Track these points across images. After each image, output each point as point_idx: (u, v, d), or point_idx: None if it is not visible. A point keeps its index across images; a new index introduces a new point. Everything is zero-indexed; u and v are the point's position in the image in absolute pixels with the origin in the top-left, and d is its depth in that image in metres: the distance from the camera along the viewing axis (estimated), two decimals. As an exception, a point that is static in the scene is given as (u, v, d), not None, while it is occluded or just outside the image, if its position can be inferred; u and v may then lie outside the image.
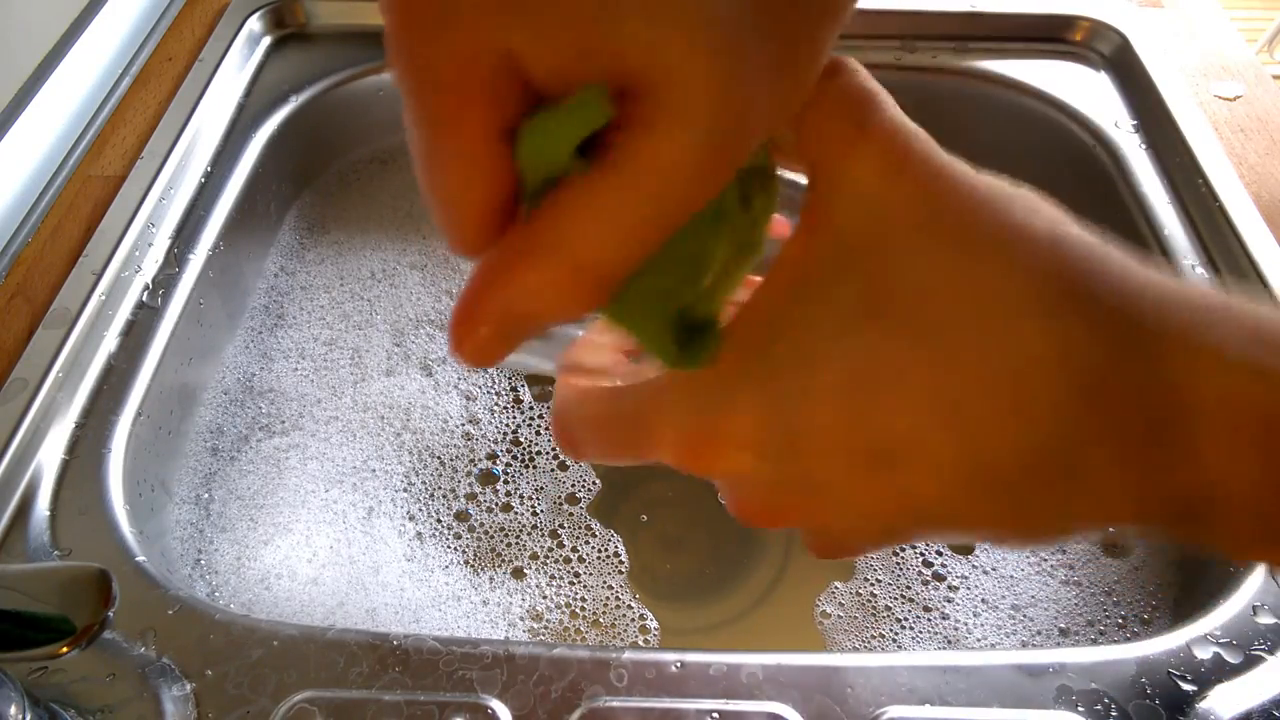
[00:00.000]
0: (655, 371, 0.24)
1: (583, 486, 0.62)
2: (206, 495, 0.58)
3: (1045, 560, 0.56)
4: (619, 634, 0.54)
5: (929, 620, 0.55)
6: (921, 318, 0.20)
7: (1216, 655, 0.42)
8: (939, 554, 0.57)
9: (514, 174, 0.19)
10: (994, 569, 0.56)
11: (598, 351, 0.25)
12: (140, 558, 0.46)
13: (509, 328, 0.20)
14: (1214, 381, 0.19)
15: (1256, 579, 0.46)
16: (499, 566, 0.57)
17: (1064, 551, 0.56)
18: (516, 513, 0.60)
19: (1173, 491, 0.20)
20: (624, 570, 0.58)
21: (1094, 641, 0.53)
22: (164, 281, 0.59)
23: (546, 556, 0.58)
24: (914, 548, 0.58)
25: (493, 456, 0.63)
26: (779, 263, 0.22)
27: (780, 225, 0.23)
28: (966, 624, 0.54)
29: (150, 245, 0.60)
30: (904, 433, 0.20)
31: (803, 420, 0.21)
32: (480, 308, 0.20)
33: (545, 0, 0.18)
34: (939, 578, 0.56)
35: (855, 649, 0.54)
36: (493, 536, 0.59)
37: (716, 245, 0.21)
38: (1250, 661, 0.42)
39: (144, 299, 0.57)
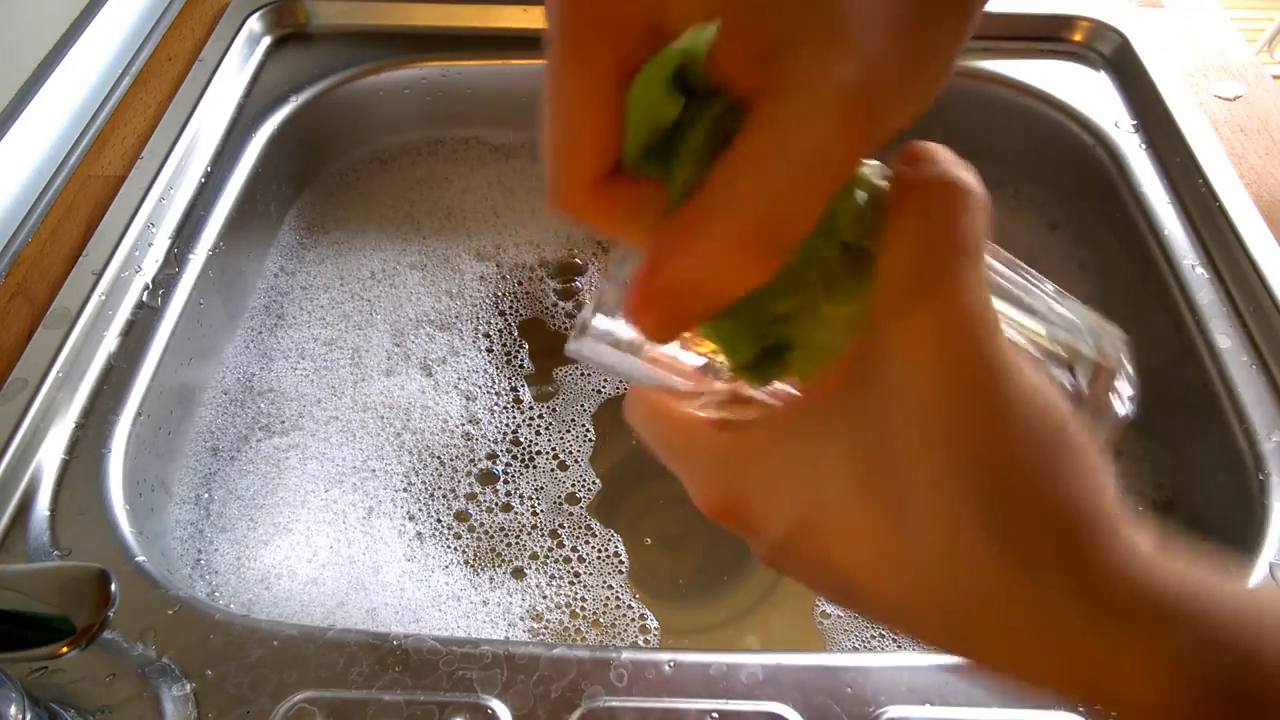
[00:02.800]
0: (719, 394, 0.26)
1: (583, 486, 0.62)
2: (206, 495, 0.58)
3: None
4: (619, 634, 0.54)
5: (929, 620, 0.55)
6: (911, 496, 0.21)
7: (1216, 655, 0.42)
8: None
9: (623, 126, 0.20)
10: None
11: (672, 369, 0.27)
12: (140, 558, 0.46)
13: (689, 300, 0.20)
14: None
15: (1257, 579, 0.46)
16: (499, 566, 0.57)
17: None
18: (516, 513, 0.60)
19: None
20: (624, 570, 0.58)
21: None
22: (164, 281, 0.59)
23: (546, 556, 0.58)
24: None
25: (493, 456, 0.63)
26: (823, 382, 0.23)
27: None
28: (966, 624, 0.54)
29: (150, 245, 0.60)
30: (855, 589, 0.23)
31: (804, 529, 0.23)
32: (660, 281, 0.19)
33: None
34: (939, 578, 0.56)
35: (855, 649, 0.54)
36: (493, 536, 0.59)
37: (809, 268, 0.21)
38: (1250, 661, 0.42)
39: (144, 299, 0.57)
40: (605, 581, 0.57)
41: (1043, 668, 0.21)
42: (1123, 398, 0.25)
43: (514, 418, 0.65)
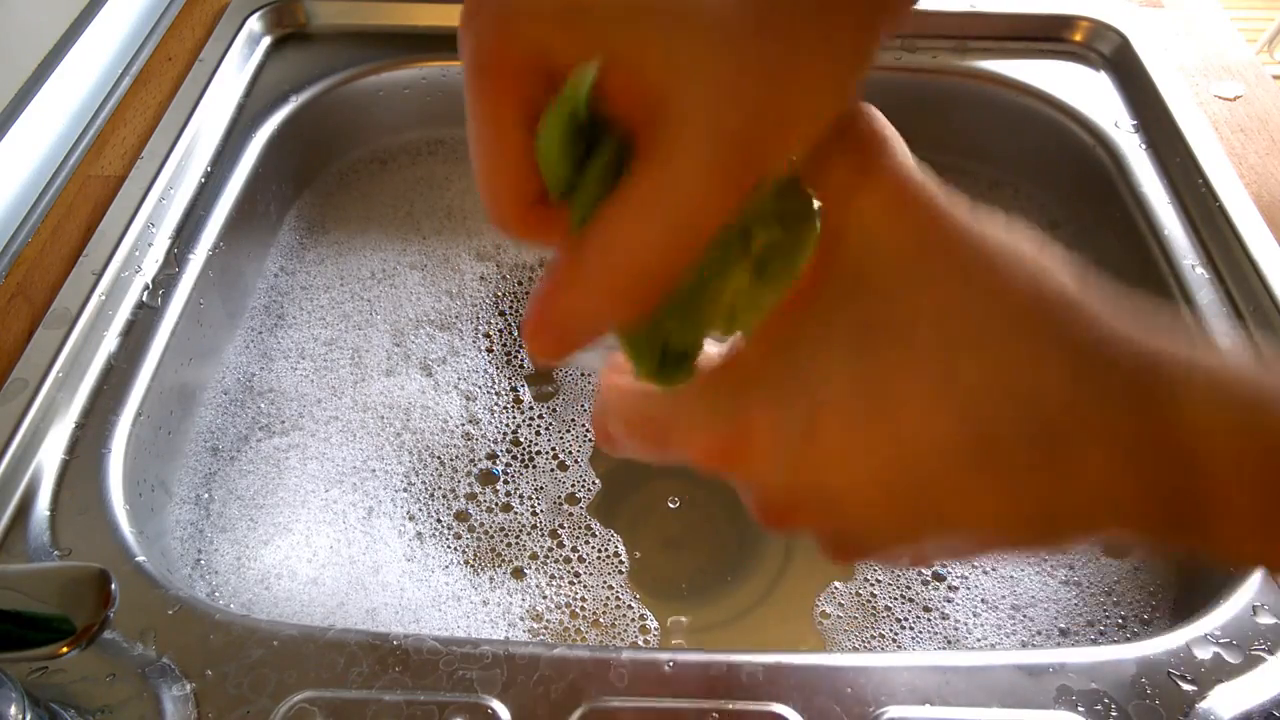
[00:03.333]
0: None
1: (583, 486, 0.62)
2: (206, 495, 0.58)
3: (1045, 560, 0.56)
4: (619, 634, 0.54)
5: (929, 620, 0.55)
6: (916, 336, 0.22)
7: (1216, 655, 0.42)
8: (939, 554, 0.57)
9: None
10: (994, 569, 0.56)
11: None
12: (140, 558, 0.46)
13: (572, 330, 0.22)
14: (1204, 386, 0.20)
15: (1257, 579, 0.45)
16: (499, 566, 0.57)
17: (1064, 551, 0.56)
18: (516, 513, 0.60)
19: (1167, 492, 0.20)
20: (624, 570, 0.58)
21: (1094, 641, 0.53)
22: (164, 281, 0.59)
23: (546, 556, 0.58)
24: (914, 548, 0.58)
25: (493, 456, 0.63)
26: (796, 291, 0.24)
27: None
28: (966, 624, 0.54)
29: (150, 245, 0.60)
30: (909, 430, 0.22)
31: (814, 429, 0.23)
32: (545, 314, 0.22)
33: (581, 9, 0.20)
34: (939, 578, 0.56)
35: (855, 649, 0.54)
36: (493, 536, 0.59)
37: (703, 291, 0.23)
38: (1250, 661, 0.42)
39: (144, 299, 0.57)
40: (605, 581, 0.57)
41: (1059, 491, 0.21)
42: None
43: (514, 418, 0.65)
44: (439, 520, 0.60)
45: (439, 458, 0.63)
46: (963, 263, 0.22)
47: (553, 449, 0.64)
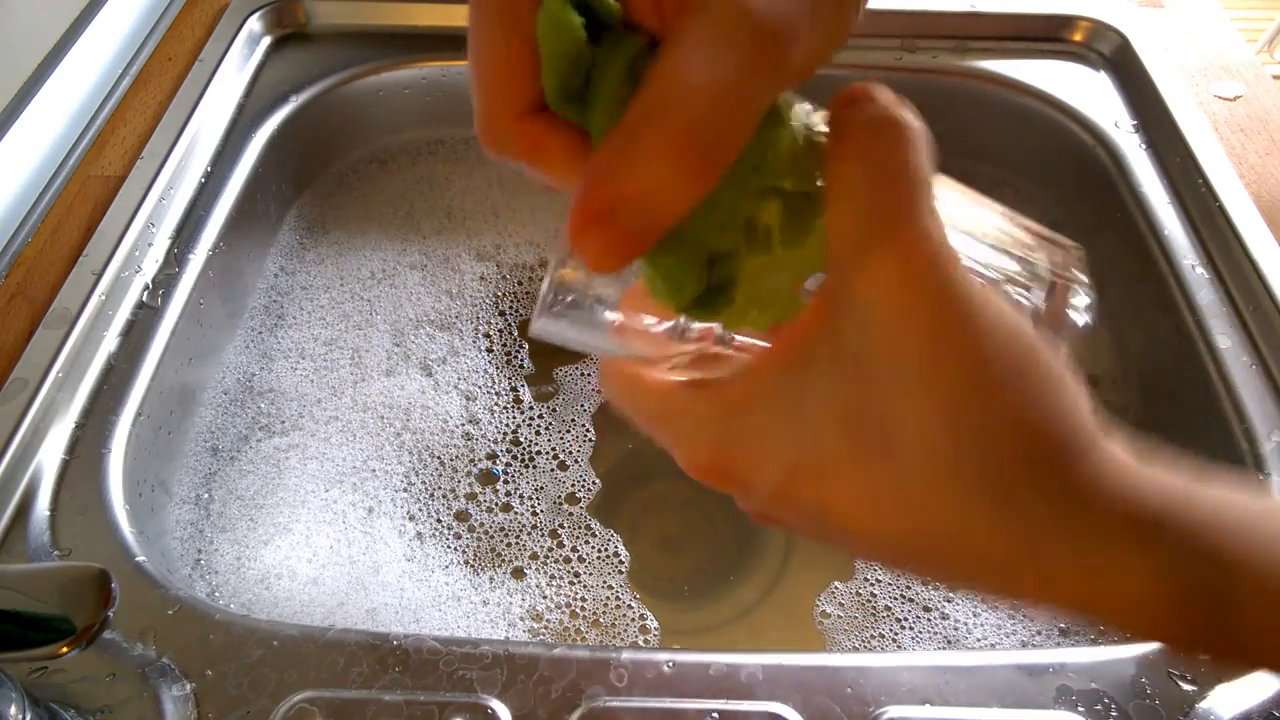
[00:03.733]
0: (687, 355, 0.26)
1: (583, 486, 0.62)
2: (206, 495, 0.58)
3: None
4: (619, 634, 0.54)
5: (929, 620, 0.55)
6: (883, 449, 0.22)
7: (1216, 655, 0.42)
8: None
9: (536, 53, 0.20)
10: (994, 569, 0.56)
11: (633, 334, 0.27)
12: (140, 558, 0.46)
13: (629, 218, 0.20)
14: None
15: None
16: (499, 566, 0.57)
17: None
18: (516, 513, 0.60)
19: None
20: (624, 570, 0.58)
21: (1094, 641, 0.53)
22: (164, 281, 0.59)
23: (546, 556, 0.58)
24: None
25: (493, 456, 0.63)
26: (794, 331, 0.23)
27: None
28: (966, 624, 0.54)
29: (150, 245, 0.60)
30: (849, 532, 0.23)
31: (785, 480, 0.24)
32: (599, 199, 0.19)
33: None
34: (939, 578, 0.56)
35: (855, 649, 0.54)
36: (493, 536, 0.59)
37: (744, 200, 0.22)
38: (1250, 661, 0.42)
39: (144, 299, 0.57)
40: (605, 581, 0.57)
41: (1034, 588, 0.22)
42: (1080, 309, 0.26)
43: (514, 418, 0.65)
44: (439, 520, 0.60)
45: (439, 458, 0.63)
46: (966, 372, 0.21)
47: (553, 449, 0.64)
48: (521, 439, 0.64)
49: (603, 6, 0.21)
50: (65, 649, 0.33)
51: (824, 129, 0.23)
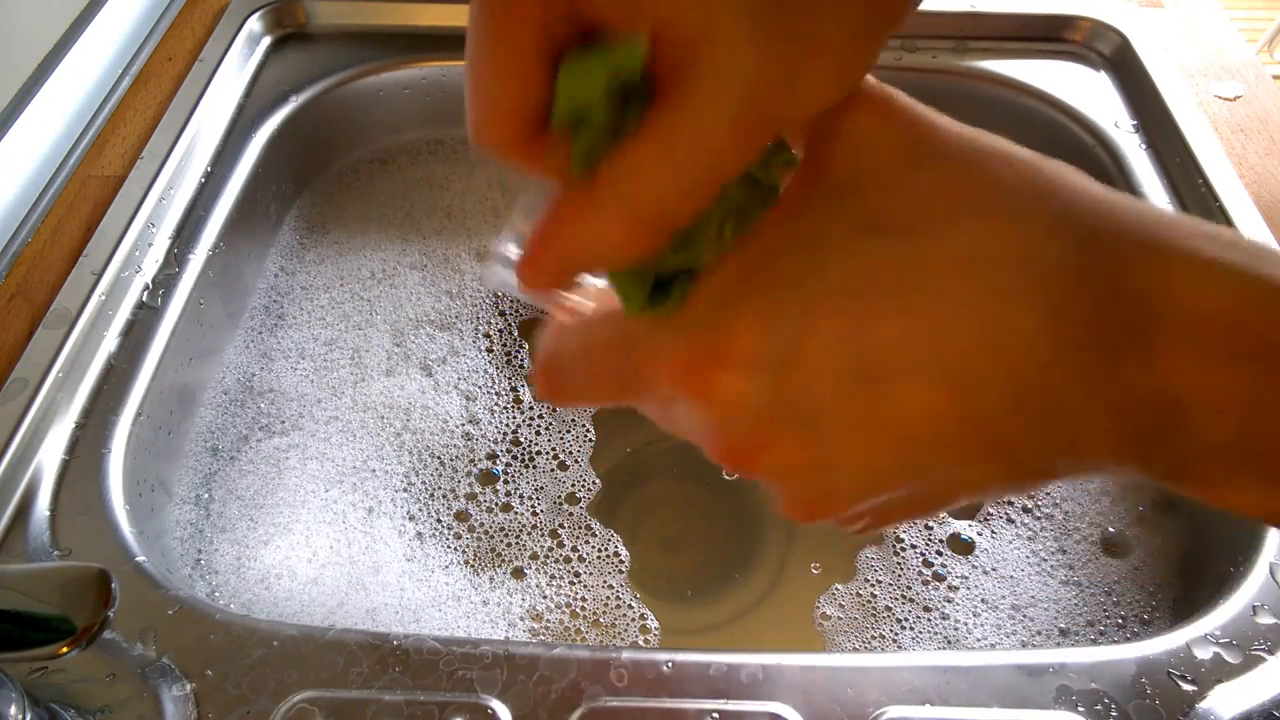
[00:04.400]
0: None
1: (583, 486, 0.62)
2: (206, 495, 0.58)
3: (1045, 560, 0.56)
4: (619, 634, 0.54)
5: (929, 620, 0.55)
6: (909, 227, 0.22)
7: (1216, 655, 0.42)
8: (939, 554, 0.57)
9: (546, 93, 0.22)
10: (994, 569, 0.56)
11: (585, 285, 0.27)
12: (140, 558, 0.46)
13: (578, 260, 0.22)
14: (1184, 283, 0.20)
15: (1257, 579, 0.46)
16: (499, 566, 0.57)
17: (1064, 552, 0.56)
18: (516, 513, 0.60)
19: (1144, 404, 0.20)
20: (624, 570, 0.58)
21: (1094, 641, 0.53)
22: (164, 281, 0.59)
23: (546, 556, 0.58)
24: (913, 546, 0.58)
25: (493, 456, 0.63)
26: (783, 199, 0.24)
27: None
28: (966, 624, 0.54)
29: (150, 245, 0.60)
30: (894, 342, 0.21)
31: (800, 331, 0.21)
32: (553, 244, 0.22)
33: None
34: (939, 578, 0.56)
35: (855, 649, 0.54)
36: (493, 536, 0.59)
37: (708, 221, 0.23)
38: (1250, 661, 0.42)
39: (144, 299, 0.57)
40: (605, 581, 0.57)
41: (1099, 416, 0.21)
42: None
43: (514, 418, 0.65)
44: (439, 520, 0.60)
45: (439, 458, 0.63)
46: (959, 148, 0.23)
47: (553, 449, 0.64)
48: (521, 439, 0.64)
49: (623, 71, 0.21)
50: (65, 649, 0.33)
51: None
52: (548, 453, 0.64)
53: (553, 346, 0.27)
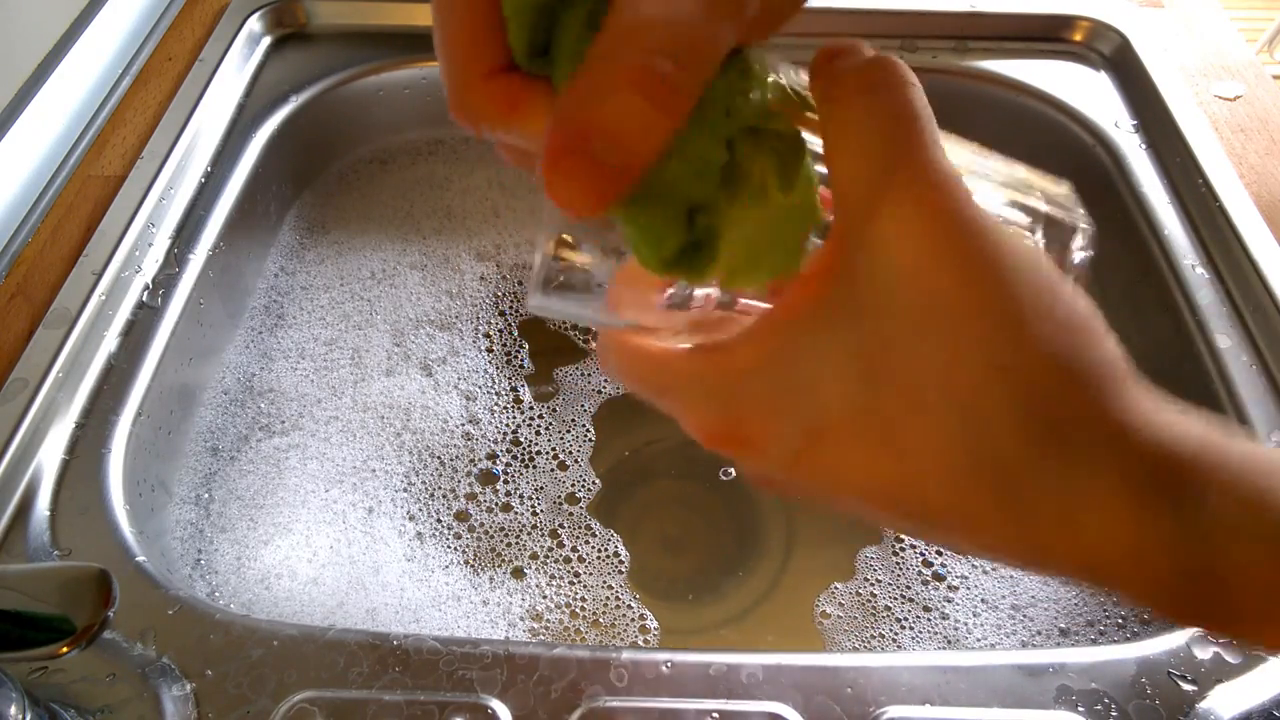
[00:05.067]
0: (684, 322, 0.25)
1: (583, 486, 0.62)
2: (206, 495, 0.58)
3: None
4: (619, 634, 0.54)
5: (929, 620, 0.55)
6: (932, 378, 0.20)
7: (1216, 655, 0.42)
8: (939, 554, 0.57)
9: (502, 35, 0.20)
10: (994, 569, 0.56)
11: (633, 305, 0.26)
12: (140, 558, 0.46)
13: (601, 155, 0.19)
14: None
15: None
16: (499, 566, 0.57)
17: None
18: (516, 513, 0.60)
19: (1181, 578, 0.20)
20: (624, 570, 0.58)
21: (1094, 641, 0.53)
22: (164, 281, 0.59)
23: (546, 556, 0.58)
24: (913, 546, 0.58)
25: (493, 456, 0.63)
26: (802, 285, 0.23)
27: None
28: (966, 624, 0.54)
29: (150, 245, 0.60)
30: (873, 496, 0.22)
31: (810, 447, 0.22)
32: (569, 137, 0.19)
33: None
34: (939, 578, 0.56)
35: (855, 649, 0.54)
36: (493, 536, 0.59)
37: (718, 147, 0.21)
38: (1250, 661, 0.42)
39: (144, 299, 0.57)
40: (605, 581, 0.57)
41: (1067, 543, 0.20)
42: (1080, 244, 0.25)
43: (514, 418, 0.65)
44: (439, 520, 0.60)
45: (439, 458, 0.63)
46: (996, 308, 0.20)
47: (553, 449, 0.64)
48: (521, 439, 0.64)
49: None
50: (65, 649, 0.33)
51: (803, 80, 0.23)
52: (548, 453, 0.64)
53: (602, 355, 0.27)
